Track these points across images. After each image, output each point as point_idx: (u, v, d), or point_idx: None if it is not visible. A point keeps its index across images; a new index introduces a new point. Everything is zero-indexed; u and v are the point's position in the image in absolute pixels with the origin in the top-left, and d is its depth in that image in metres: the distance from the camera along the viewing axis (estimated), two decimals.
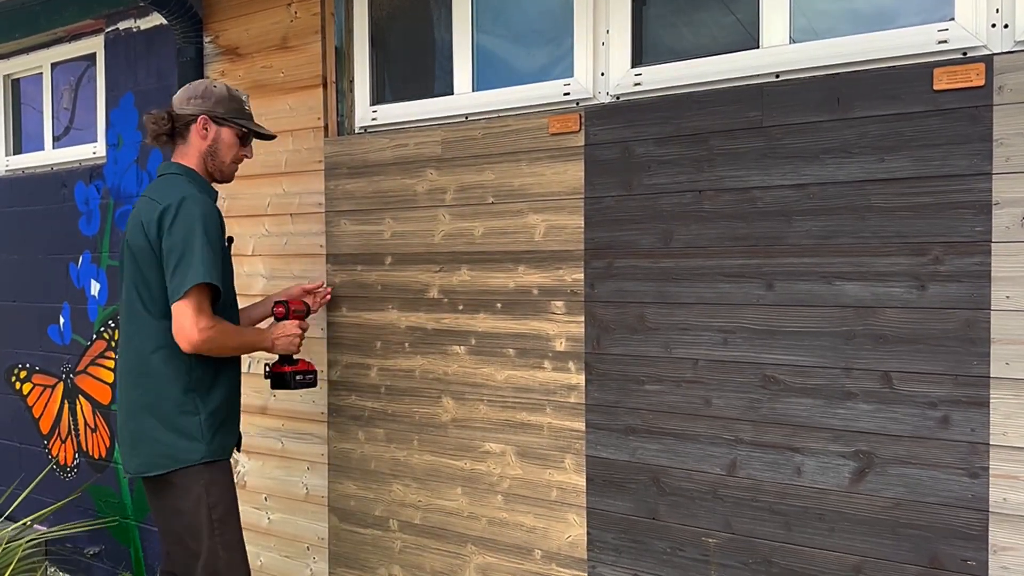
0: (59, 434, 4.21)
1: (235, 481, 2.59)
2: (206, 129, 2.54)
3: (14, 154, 4.52)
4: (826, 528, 2.09)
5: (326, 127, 3.04)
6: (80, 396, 4.06)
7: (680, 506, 2.30)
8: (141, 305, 2.46)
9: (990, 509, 1.89)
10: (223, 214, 2.57)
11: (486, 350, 2.64)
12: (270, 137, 2.72)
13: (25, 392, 4.37)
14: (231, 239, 2.63)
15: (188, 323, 2.36)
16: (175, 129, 2.56)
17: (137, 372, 2.49)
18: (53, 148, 4.30)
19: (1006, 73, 1.87)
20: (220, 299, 2.47)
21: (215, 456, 2.49)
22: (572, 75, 2.55)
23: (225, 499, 2.50)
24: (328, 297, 2.97)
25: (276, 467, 3.22)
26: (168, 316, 2.41)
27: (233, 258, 2.66)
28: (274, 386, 2.76)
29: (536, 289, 2.54)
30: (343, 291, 2.98)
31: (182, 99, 2.56)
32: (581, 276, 2.45)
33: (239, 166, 2.66)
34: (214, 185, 2.62)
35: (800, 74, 2.17)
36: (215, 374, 2.52)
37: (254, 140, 2.68)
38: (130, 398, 2.51)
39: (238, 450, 2.70)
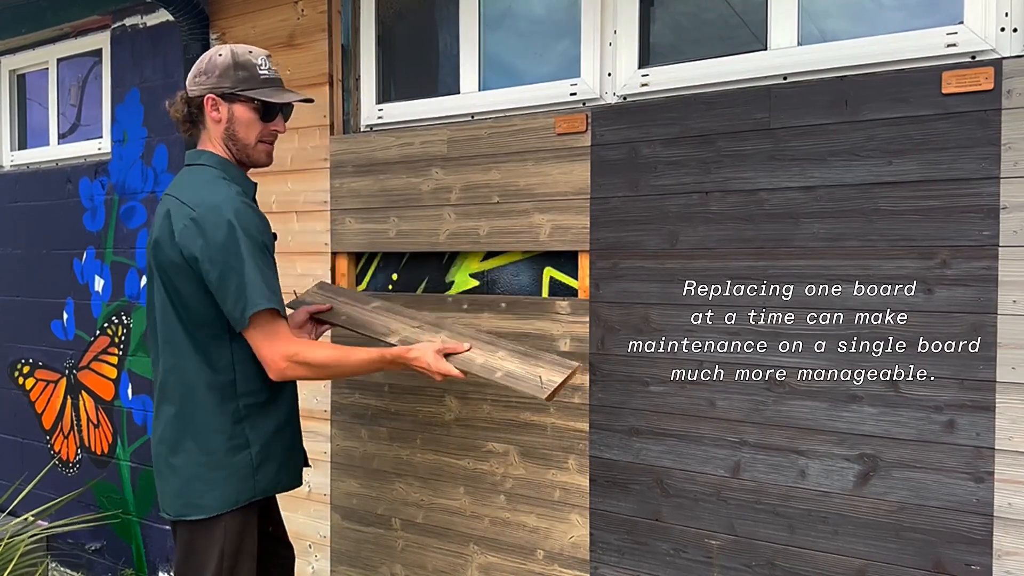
0: (61, 429, 4.21)
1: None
2: (217, 110, 2.17)
3: (19, 149, 4.53)
4: (830, 531, 2.08)
5: (332, 125, 3.04)
6: (83, 392, 4.07)
7: (683, 508, 2.29)
8: (176, 320, 2.12)
9: (994, 514, 1.89)
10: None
11: None
12: (307, 100, 2.32)
13: (28, 387, 4.38)
14: (274, 235, 2.23)
15: (267, 357, 2.07)
16: (192, 113, 2.21)
17: (179, 399, 2.13)
18: (58, 144, 4.30)
19: (1015, 77, 1.87)
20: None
21: (253, 497, 2.16)
22: (579, 75, 2.55)
23: (244, 546, 2.16)
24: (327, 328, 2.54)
25: None
26: (206, 332, 2.11)
27: None
28: None
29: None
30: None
31: (191, 78, 2.21)
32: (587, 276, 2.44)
33: (272, 144, 2.26)
34: (250, 173, 2.27)
35: (808, 76, 2.16)
36: (267, 398, 2.19)
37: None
38: (173, 428, 2.15)
39: (306, 464, 2.40)
